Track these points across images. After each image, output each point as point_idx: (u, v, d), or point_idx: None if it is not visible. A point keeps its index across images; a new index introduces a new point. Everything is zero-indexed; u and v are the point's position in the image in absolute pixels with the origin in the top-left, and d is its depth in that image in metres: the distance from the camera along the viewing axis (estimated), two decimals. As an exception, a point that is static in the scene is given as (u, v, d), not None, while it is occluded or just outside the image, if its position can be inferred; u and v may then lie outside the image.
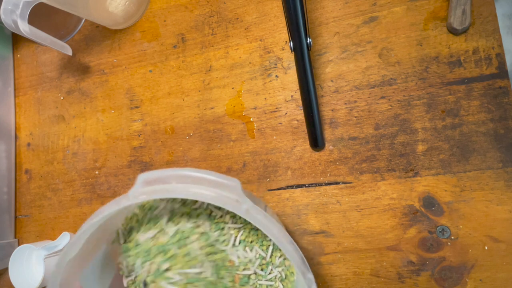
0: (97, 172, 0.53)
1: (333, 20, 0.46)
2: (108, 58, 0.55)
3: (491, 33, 0.41)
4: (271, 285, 0.37)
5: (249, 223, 0.39)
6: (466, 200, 0.40)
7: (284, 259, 0.38)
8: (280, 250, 0.38)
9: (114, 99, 0.54)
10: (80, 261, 0.34)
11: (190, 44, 0.51)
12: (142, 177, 0.30)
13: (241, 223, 0.38)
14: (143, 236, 0.37)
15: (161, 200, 0.39)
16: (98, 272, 0.38)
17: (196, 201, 0.39)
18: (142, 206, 0.39)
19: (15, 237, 0.57)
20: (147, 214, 0.39)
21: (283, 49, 0.47)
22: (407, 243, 0.41)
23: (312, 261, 0.44)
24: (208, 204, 0.39)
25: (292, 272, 0.38)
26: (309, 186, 0.45)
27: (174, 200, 0.39)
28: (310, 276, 0.28)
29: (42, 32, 0.46)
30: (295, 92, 0.46)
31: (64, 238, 0.52)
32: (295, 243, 0.29)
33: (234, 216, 0.38)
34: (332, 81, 0.45)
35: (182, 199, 0.39)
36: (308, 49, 0.38)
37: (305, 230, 0.44)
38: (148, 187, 0.29)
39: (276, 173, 0.46)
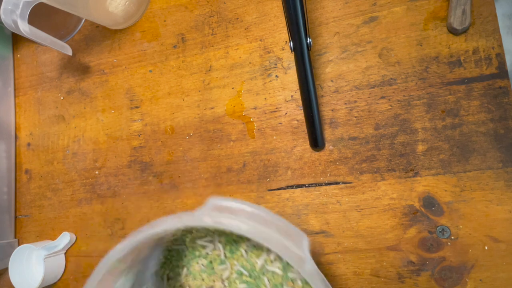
0: (97, 172, 0.53)
1: (333, 20, 0.46)
2: (108, 58, 0.55)
3: (491, 33, 0.41)
4: None
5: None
6: (466, 200, 0.40)
7: None
8: None
9: (114, 99, 0.54)
10: (119, 269, 0.33)
11: (190, 44, 0.51)
12: (213, 201, 0.29)
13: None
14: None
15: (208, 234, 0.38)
16: None
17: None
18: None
19: (15, 237, 0.57)
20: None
21: (283, 49, 0.47)
22: (407, 243, 0.41)
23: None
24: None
25: None
26: (309, 186, 0.45)
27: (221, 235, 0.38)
28: None
29: (42, 32, 0.46)
30: (295, 92, 0.46)
31: (64, 238, 0.52)
32: None
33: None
34: (332, 81, 0.45)
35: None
36: (308, 49, 0.38)
37: (305, 230, 0.44)
38: (218, 213, 0.28)
39: (276, 173, 0.46)
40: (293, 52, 0.38)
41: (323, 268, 0.43)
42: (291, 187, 0.45)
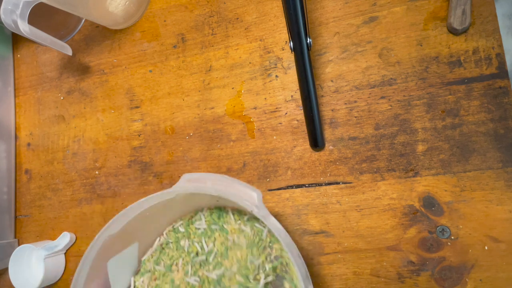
0: (97, 172, 0.53)
1: (333, 20, 0.46)
2: (108, 58, 0.55)
3: (491, 33, 0.41)
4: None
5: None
6: (466, 200, 0.40)
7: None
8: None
9: (114, 99, 0.54)
10: (114, 244, 0.36)
11: (190, 44, 0.51)
12: (186, 176, 0.36)
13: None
14: None
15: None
16: (124, 264, 0.39)
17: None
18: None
19: (15, 237, 0.57)
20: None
21: (283, 49, 0.47)
22: (407, 243, 0.41)
23: (312, 261, 0.44)
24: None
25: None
26: (309, 186, 0.45)
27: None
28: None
29: (42, 32, 0.46)
30: (295, 92, 0.46)
31: (64, 238, 0.52)
32: (302, 257, 0.31)
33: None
34: (332, 81, 0.45)
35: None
36: (308, 49, 0.38)
37: (305, 230, 0.44)
38: (188, 184, 0.35)
39: (276, 173, 0.46)
40: (293, 52, 0.38)
41: (323, 268, 0.43)
42: (291, 187, 0.45)
